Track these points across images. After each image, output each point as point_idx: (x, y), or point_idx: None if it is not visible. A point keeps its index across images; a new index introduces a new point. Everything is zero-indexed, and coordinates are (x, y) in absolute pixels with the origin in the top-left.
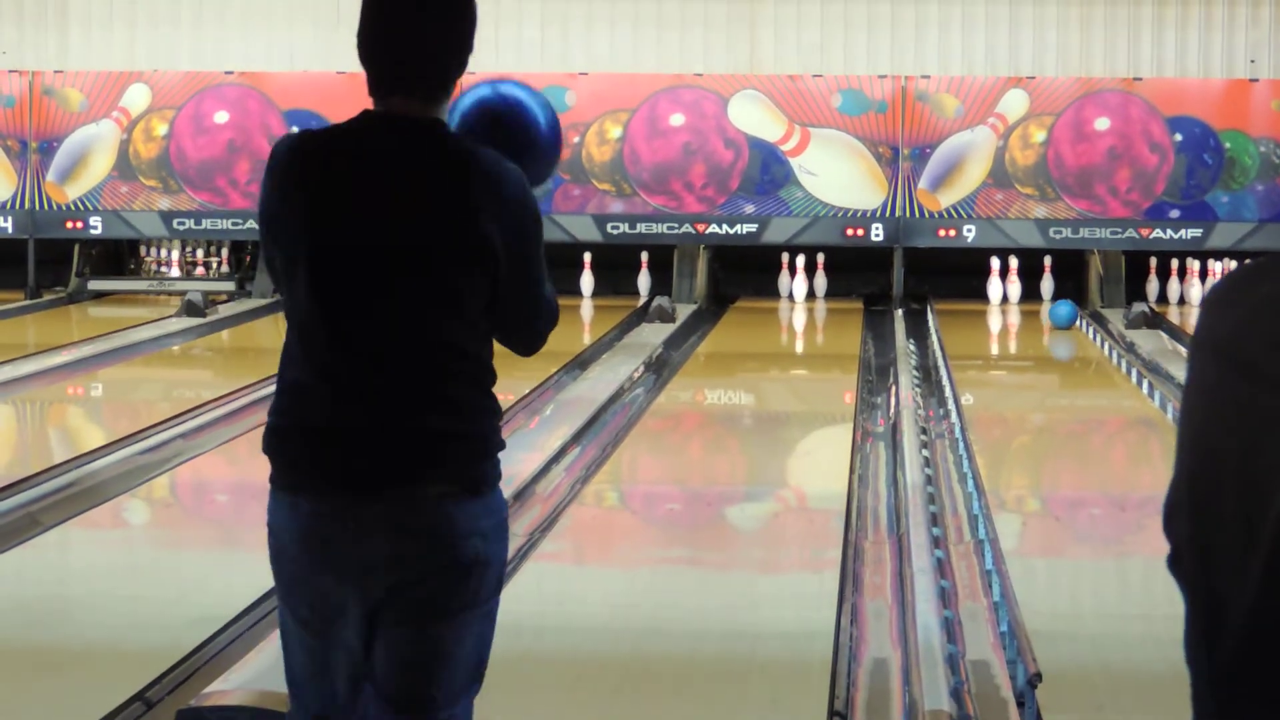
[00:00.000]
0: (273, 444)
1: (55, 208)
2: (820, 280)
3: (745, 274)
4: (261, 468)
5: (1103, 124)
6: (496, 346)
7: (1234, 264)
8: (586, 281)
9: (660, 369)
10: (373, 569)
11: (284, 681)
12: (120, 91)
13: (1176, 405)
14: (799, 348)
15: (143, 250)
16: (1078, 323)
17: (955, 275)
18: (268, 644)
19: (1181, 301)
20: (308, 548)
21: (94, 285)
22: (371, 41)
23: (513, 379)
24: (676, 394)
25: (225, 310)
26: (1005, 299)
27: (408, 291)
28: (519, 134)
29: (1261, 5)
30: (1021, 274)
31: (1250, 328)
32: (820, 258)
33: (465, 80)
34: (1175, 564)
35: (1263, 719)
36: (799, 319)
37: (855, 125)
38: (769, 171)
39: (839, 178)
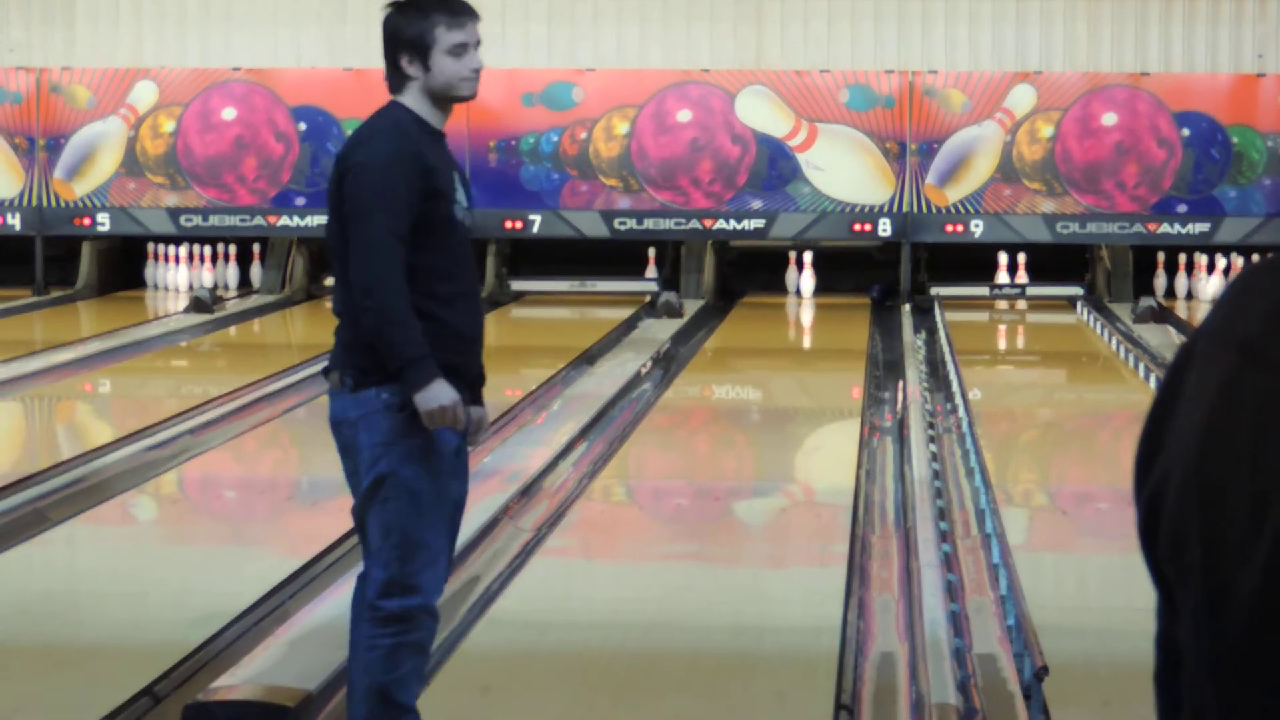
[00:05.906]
0: None
1: (63, 205)
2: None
3: (752, 269)
4: (267, 464)
5: (1110, 119)
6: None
7: (1241, 259)
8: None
9: (667, 364)
10: None
11: (289, 677)
12: (127, 88)
13: None
14: (806, 343)
15: None
16: (1085, 317)
17: (963, 270)
18: (274, 640)
19: (1189, 296)
20: None
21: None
22: None
23: (520, 374)
24: (684, 389)
25: (233, 306)
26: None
27: None
28: None
29: (1269, 0)
30: (1029, 269)
31: (1271, 323)
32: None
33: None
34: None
35: (1265, 704)
36: (806, 314)
37: (862, 120)
38: (776, 167)
39: (846, 173)
